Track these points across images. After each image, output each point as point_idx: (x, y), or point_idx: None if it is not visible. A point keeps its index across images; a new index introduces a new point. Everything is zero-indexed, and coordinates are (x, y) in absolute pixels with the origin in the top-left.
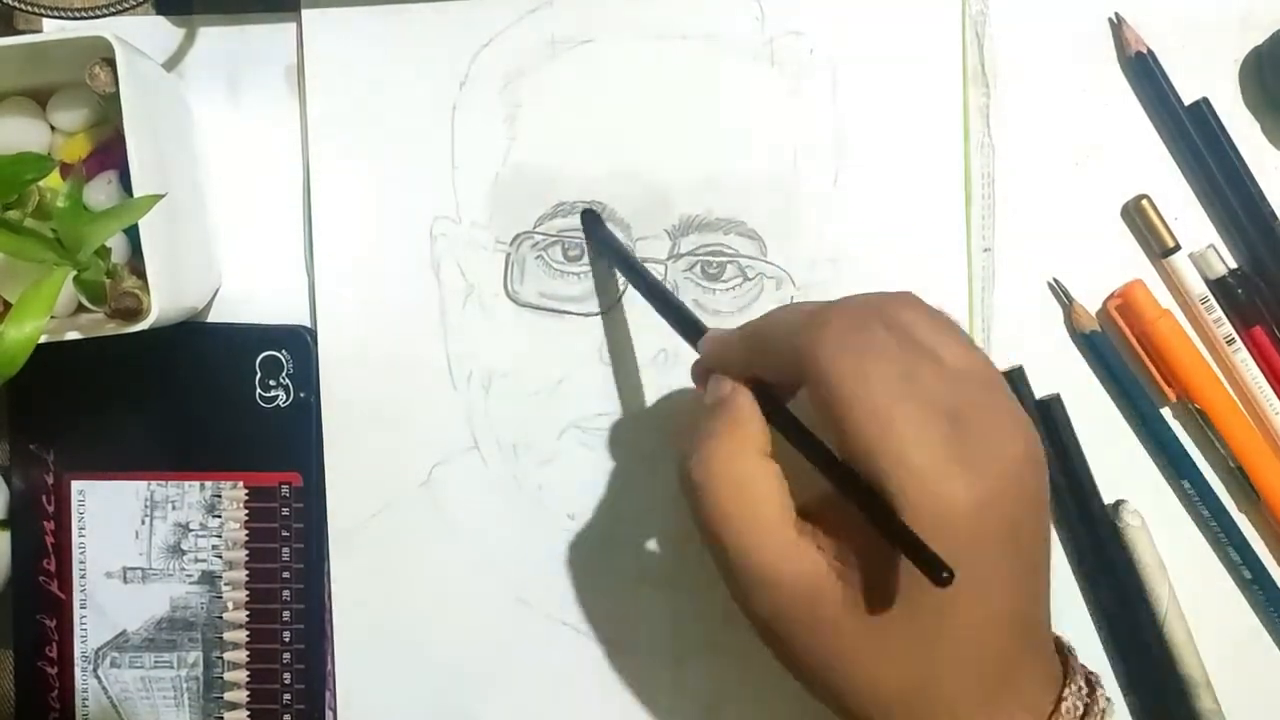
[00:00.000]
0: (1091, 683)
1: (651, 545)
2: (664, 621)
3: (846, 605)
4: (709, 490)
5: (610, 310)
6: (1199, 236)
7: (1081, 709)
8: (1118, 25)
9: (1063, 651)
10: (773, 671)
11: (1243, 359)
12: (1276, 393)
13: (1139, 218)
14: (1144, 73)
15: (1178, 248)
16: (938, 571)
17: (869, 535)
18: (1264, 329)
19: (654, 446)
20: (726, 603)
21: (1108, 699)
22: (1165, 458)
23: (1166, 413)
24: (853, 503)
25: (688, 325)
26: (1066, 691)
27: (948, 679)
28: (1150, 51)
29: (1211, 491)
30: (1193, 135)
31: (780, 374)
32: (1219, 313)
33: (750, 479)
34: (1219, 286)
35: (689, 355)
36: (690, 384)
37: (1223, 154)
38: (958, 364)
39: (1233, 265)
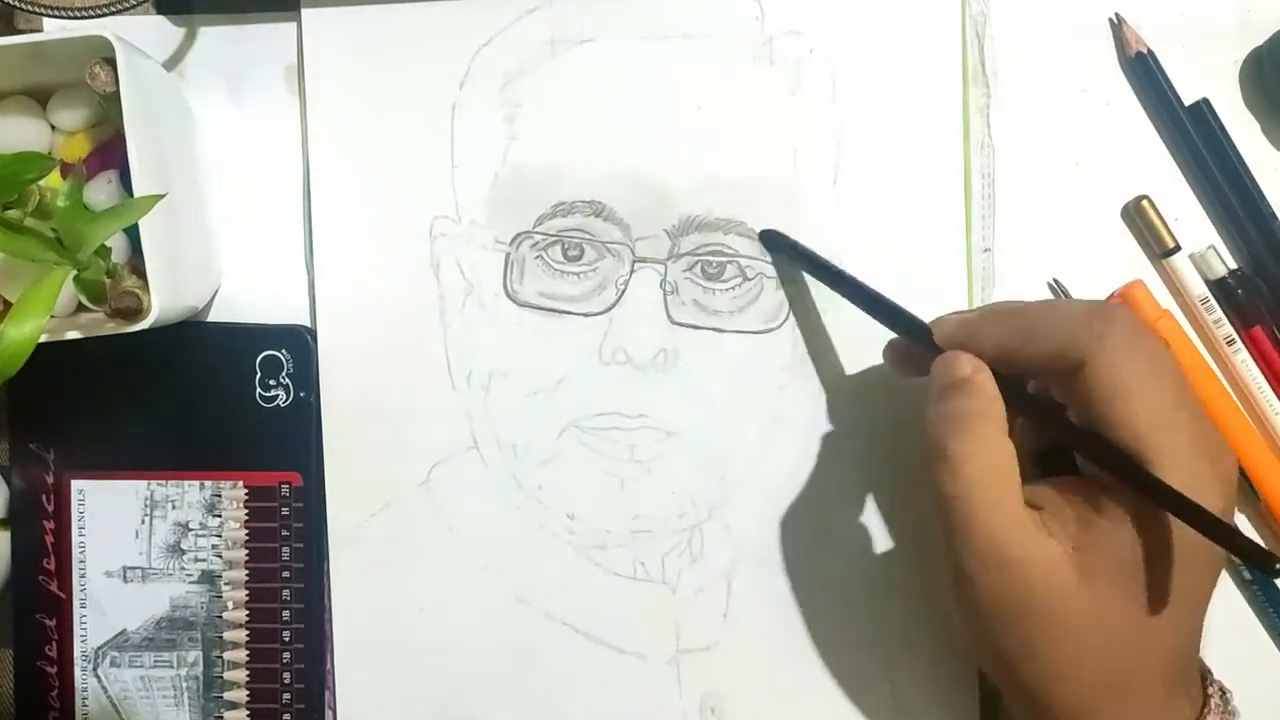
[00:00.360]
0: (1223, 689)
1: (651, 545)
2: (664, 621)
3: (1075, 597)
4: (965, 481)
5: (610, 310)
6: (1199, 237)
7: (1224, 706)
8: (1118, 25)
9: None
10: (772, 671)
11: (1243, 360)
12: (1276, 393)
13: (1139, 218)
14: (1144, 73)
15: (1178, 248)
16: (1271, 563)
17: (1095, 530)
18: (1264, 329)
19: (653, 446)
20: (726, 602)
21: (1236, 707)
22: None
23: None
24: (1150, 495)
25: (906, 320)
26: (1211, 689)
27: (1153, 670)
28: (1150, 52)
29: None
30: (1193, 135)
31: (1041, 364)
32: (1219, 313)
33: (1002, 463)
34: (1219, 287)
35: (689, 355)
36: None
37: (1223, 154)
38: (1190, 387)
39: (1233, 266)
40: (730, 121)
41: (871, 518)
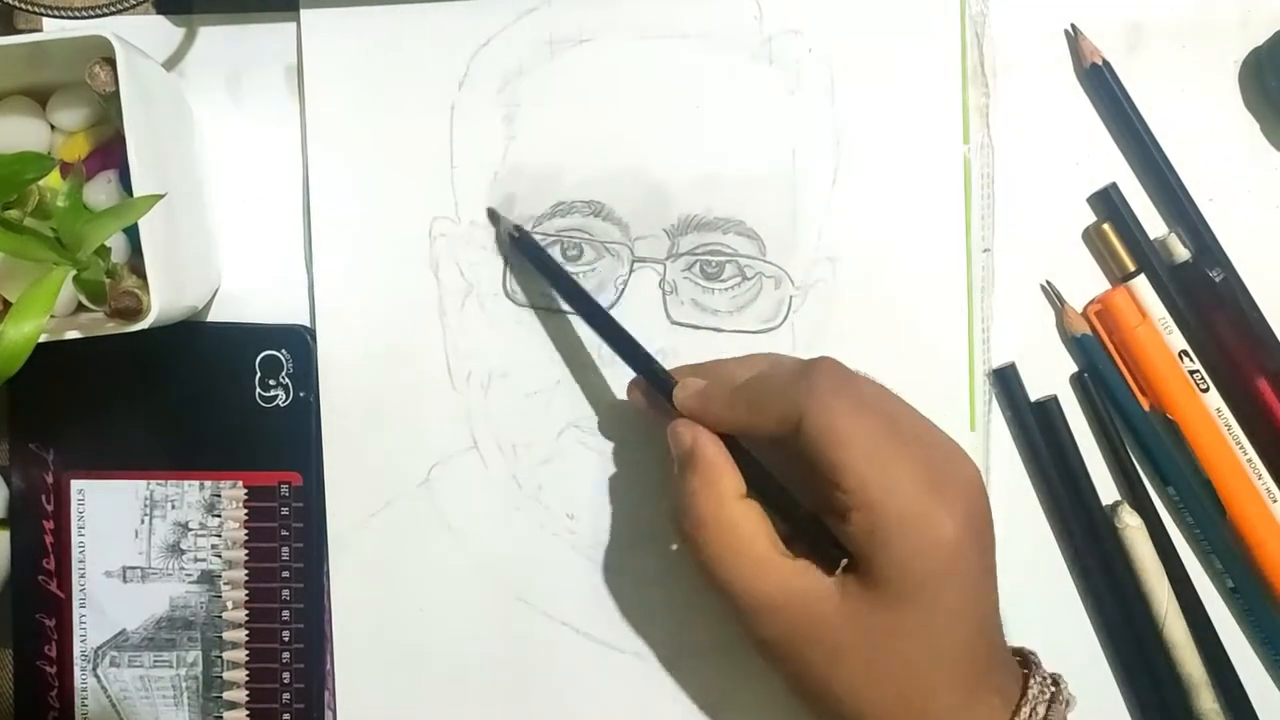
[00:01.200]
0: (1056, 680)
1: (651, 544)
2: (664, 621)
3: (841, 621)
4: (701, 539)
5: (609, 310)
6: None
7: (1049, 696)
8: (1074, 37)
9: (1026, 656)
10: (770, 675)
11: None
12: (1244, 374)
13: (1099, 241)
14: (1100, 84)
15: (1138, 272)
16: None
17: (859, 555)
18: (1226, 316)
19: (653, 446)
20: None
21: (1071, 694)
22: (1150, 464)
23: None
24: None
25: (655, 375)
26: (1031, 681)
27: (939, 681)
28: (1106, 63)
29: (1196, 499)
30: (1148, 145)
31: (769, 430)
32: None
33: (736, 522)
34: (1180, 272)
35: (688, 355)
36: None
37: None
38: (913, 411)
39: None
40: (729, 121)
41: None
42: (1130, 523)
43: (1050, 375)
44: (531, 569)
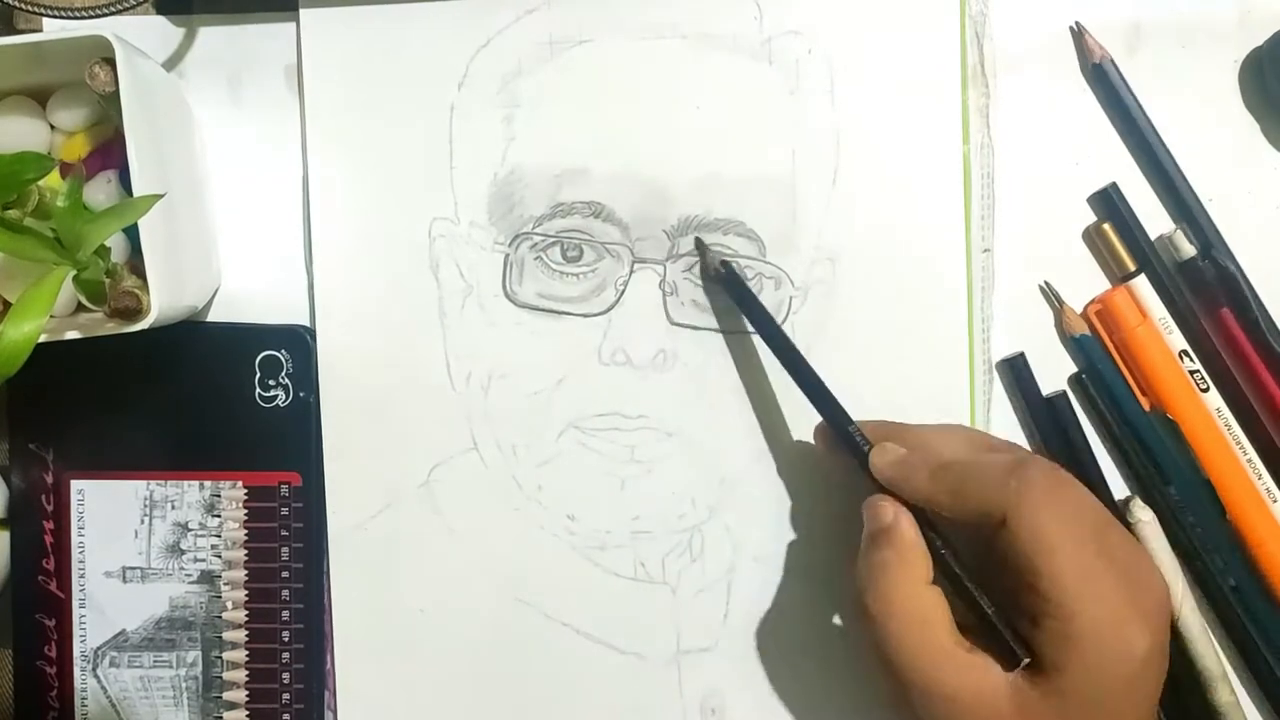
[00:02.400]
0: None
1: (652, 545)
2: (664, 621)
3: (1019, 710)
4: (889, 622)
5: (609, 311)
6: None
7: None
8: (1079, 35)
9: None
10: (773, 672)
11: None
12: (1249, 370)
13: (1100, 241)
14: (1103, 80)
15: (1139, 272)
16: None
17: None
18: (1231, 312)
19: (653, 447)
20: (727, 602)
21: None
22: (1151, 463)
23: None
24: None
25: (850, 437)
26: None
27: None
28: (1110, 60)
29: (1196, 498)
30: (1151, 143)
31: (967, 517)
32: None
33: (924, 609)
34: (1187, 269)
35: (688, 355)
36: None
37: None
38: (1119, 526)
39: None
40: (729, 122)
41: None
42: (1143, 517)
43: (1051, 375)
44: (531, 570)
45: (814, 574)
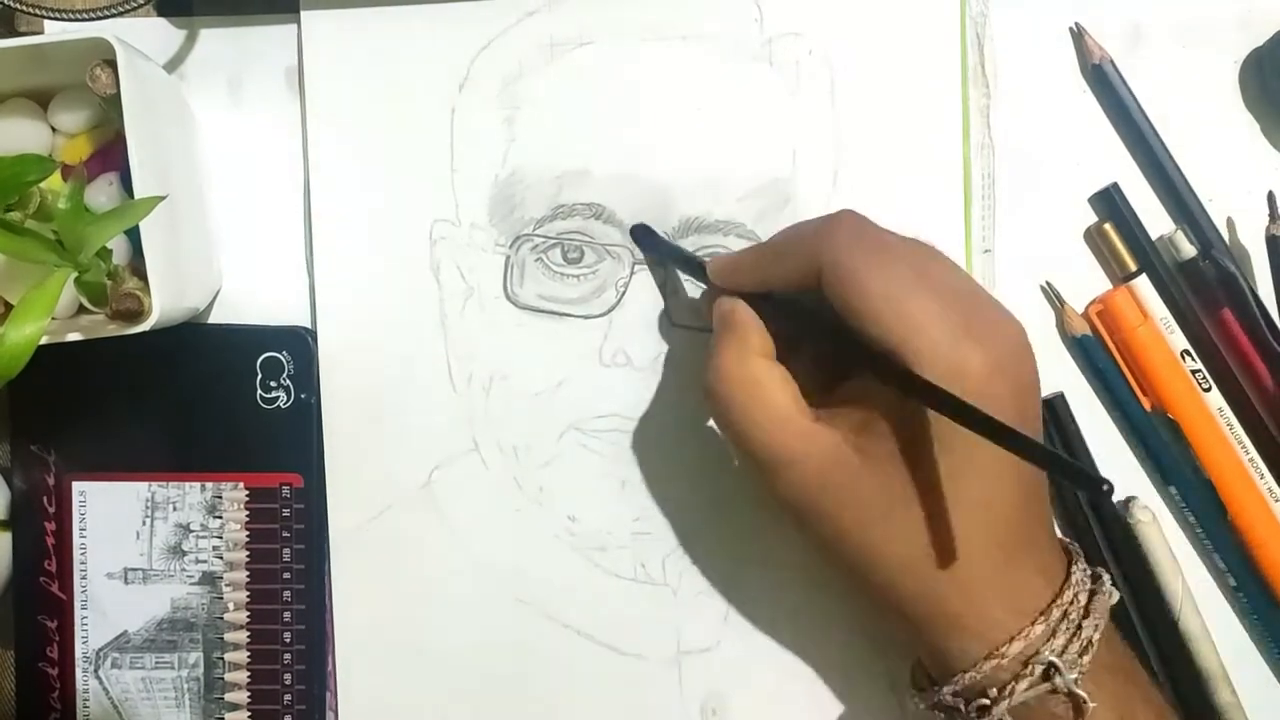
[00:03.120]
0: (1096, 572)
1: (652, 546)
2: (665, 622)
3: (867, 475)
4: (725, 393)
5: (610, 312)
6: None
7: (1089, 584)
8: (1078, 36)
9: (1065, 544)
10: (774, 673)
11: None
12: (1251, 370)
13: (1101, 242)
14: (1103, 81)
15: (1140, 272)
16: (1094, 484)
17: (885, 412)
18: (1232, 313)
19: (655, 447)
20: (727, 603)
21: (1113, 590)
22: (1152, 463)
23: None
24: (905, 389)
25: (692, 262)
26: (1074, 566)
27: (969, 543)
28: (1110, 61)
29: (1198, 499)
30: (1150, 144)
31: (793, 281)
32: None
33: (759, 378)
34: (1188, 269)
35: (690, 357)
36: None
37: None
38: (951, 264)
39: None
40: (730, 123)
41: None
42: (1143, 518)
43: (1052, 375)
44: (533, 571)
45: (814, 575)
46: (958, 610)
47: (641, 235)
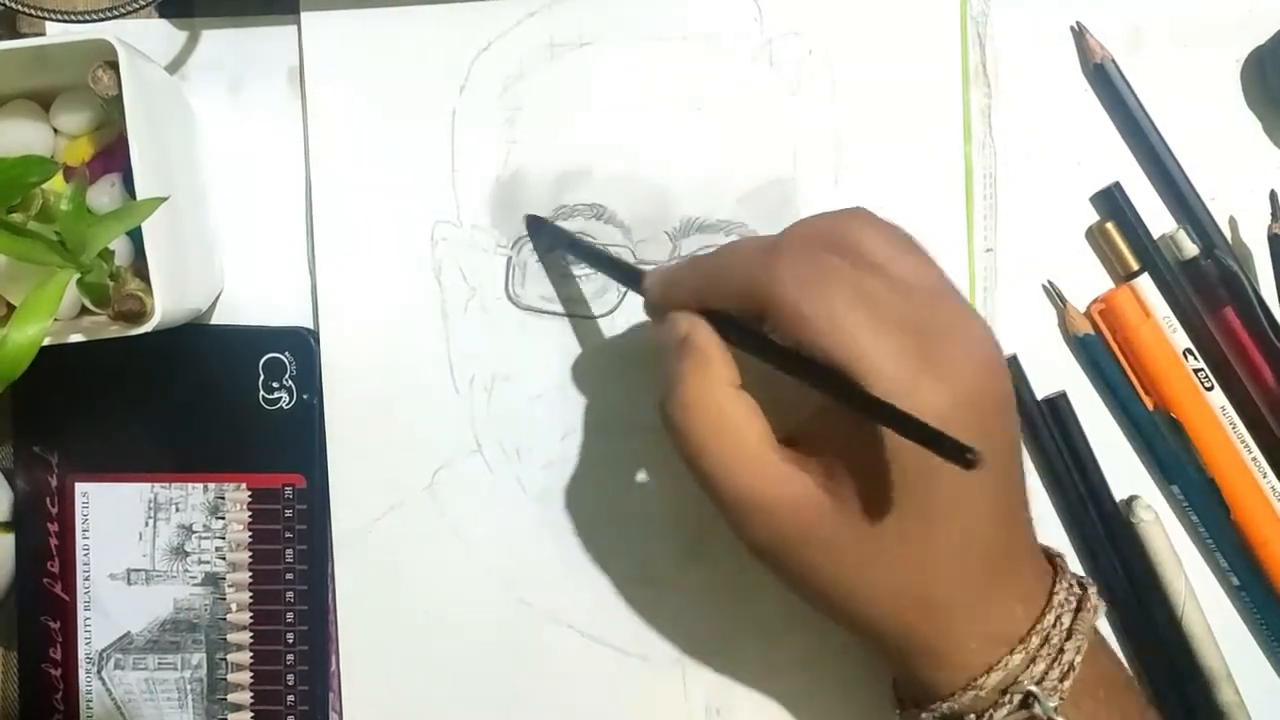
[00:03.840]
0: (1083, 584)
1: (656, 547)
2: (668, 623)
3: (839, 519)
4: (689, 430)
5: (612, 312)
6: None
7: (1074, 603)
8: (1080, 35)
9: (1052, 558)
10: (779, 672)
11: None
12: (1253, 368)
13: (1103, 241)
14: (1105, 81)
15: (1142, 271)
16: (960, 454)
17: (851, 452)
18: (1233, 310)
19: (657, 448)
20: (732, 604)
21: (1099, 600)
22: (1154, 463)
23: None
24: (854, 406)
25: (626, 271)
26: (1058, 586)
27: (943, 577)
28: (1112, 60)
29: (1200, 498)
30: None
31: (733, 307)
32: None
33: (726, 412)
34: (1190, 269)
35: None
36: None
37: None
38: (908, 277)
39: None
40: (730, 123)
41: None
42: (1145, 517)
43: (1054, 375)
44: (536, 572)
45: None
46: (935, 644)
47: (534, 227)
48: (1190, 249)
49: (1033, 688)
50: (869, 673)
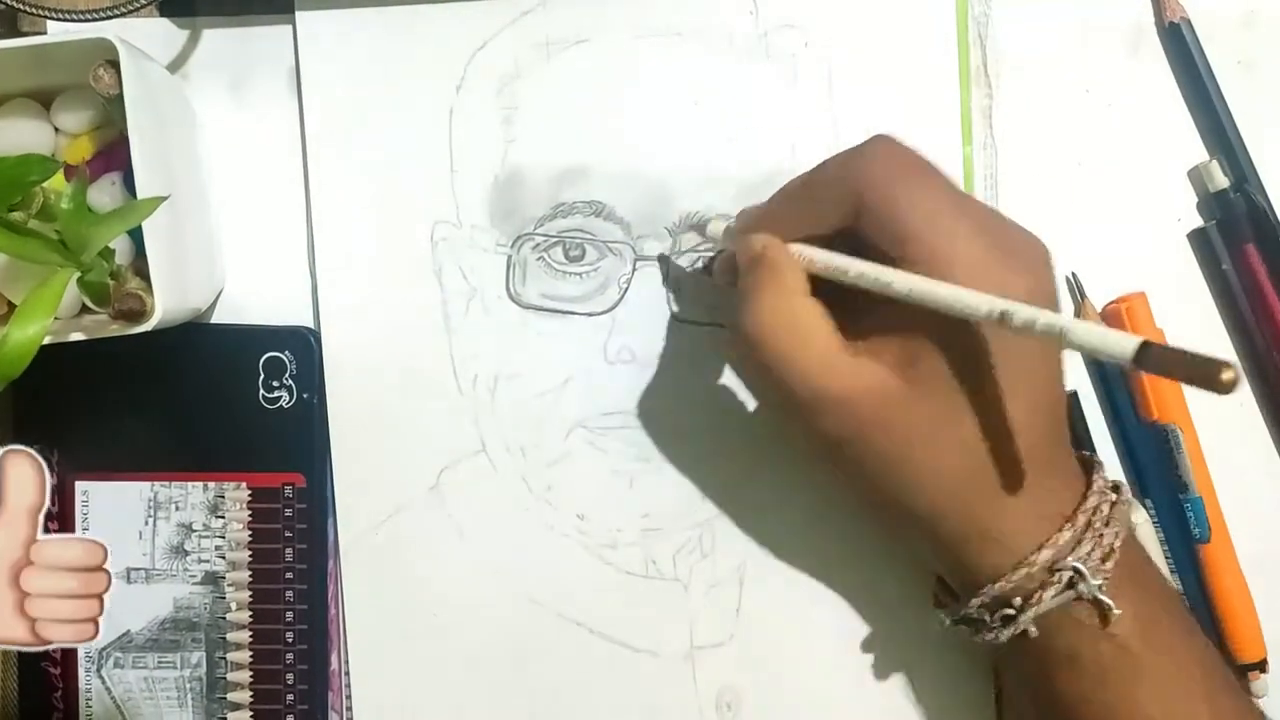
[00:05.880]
0: (1118, 485)
1: (663, 542)
2: (676, 619)
3: (912, 403)
4: (764, 337)
5: (613, 309)
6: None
7: (1112, 494)
8: None
9: (1086, 459)
10: (788, 666)
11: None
12: (1267, 312)
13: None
14: (1177, 42)
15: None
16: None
17: (918, 341)
18: (1254, 247)
19: (661, 444)
20: (739, 597)
21: (1132, 499)
22: (1134, 474)
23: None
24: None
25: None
26: (1095, 475)
27: (1009, 453)
28: (1186, 20)
29: (1170, 519)
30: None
31: (829, 222)
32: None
33: (798, 317)
34: (1219, 200)
35: (694, 352)
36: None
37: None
38: (973, 197)
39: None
40: (727, 117)
41: None
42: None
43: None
44: (543, 570)
45: (827, 567)
46: (993, 524)
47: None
48: (1221, 180)
49: (1079, 565)
50: (879, 666)
